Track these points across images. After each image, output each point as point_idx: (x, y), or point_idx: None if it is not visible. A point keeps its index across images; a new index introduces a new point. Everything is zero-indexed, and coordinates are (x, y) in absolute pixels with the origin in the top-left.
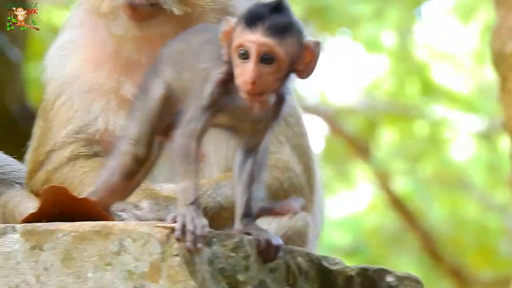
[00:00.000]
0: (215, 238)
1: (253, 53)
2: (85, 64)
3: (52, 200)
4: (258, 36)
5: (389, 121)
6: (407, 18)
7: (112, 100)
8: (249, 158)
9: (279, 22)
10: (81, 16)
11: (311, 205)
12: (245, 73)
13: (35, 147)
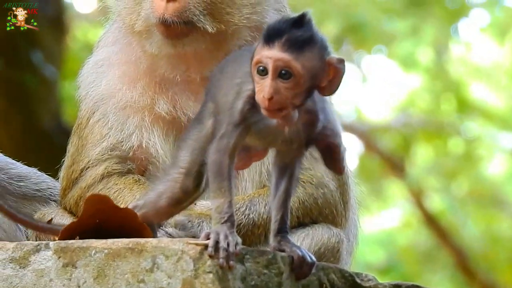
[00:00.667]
0: (248, 255)
1: (270, 68)
2: (120, 81)
3: (93, 209)
4: (275, 52)
5: (424, 138)
6: (443, 35)
7: (146, 117)
8: (285, 174)
9: (298, 37)
10: (115, 34)
11: (345, 222)
12: (263, 89)
13: (69, 165)
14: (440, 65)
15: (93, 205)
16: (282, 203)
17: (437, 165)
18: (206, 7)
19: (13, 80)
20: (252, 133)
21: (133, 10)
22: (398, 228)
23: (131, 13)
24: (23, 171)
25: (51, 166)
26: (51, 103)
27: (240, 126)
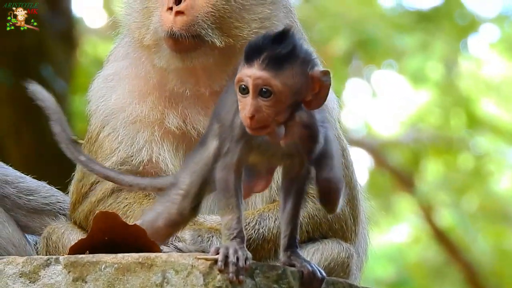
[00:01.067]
0: (258, 270)
1: (250, 87)
2: (129, 95)
3: (103, 226)
4: (254, 70)
5: (434, 154)
6: (453, 50)
7: (156, 131)
8: (293, 189)
9: (277, 53)
10: (125, 49)
11: (354, 236)
12: (244, 107)
13: (79, 179)
14: (450, 80)
15: (102, 222)
16: (291, 218)
17: (446, 180)
18: (215, 21)
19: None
20: (253, 148)
21: (142, 24)
22: (408, 243)
23: (140, 27)
24: (32, 185)
25: (61, 180)
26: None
27: (241, 140)
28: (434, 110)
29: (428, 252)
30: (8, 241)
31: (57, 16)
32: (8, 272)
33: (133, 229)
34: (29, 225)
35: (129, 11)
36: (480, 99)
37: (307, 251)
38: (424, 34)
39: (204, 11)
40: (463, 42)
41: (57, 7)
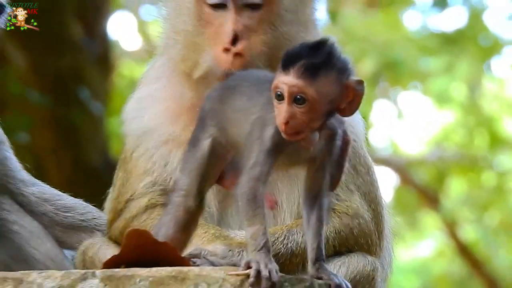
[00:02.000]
0: (287, 282)
1: (285, 94)
2: (162, 116)
3: (134, 243)
4: (290, 78)
5: (458, 172)
6: (476, 72)
7: None
8: (316, 203)
9: (313, 62)
10: (157, 72)
11: (379, 251)
12: (280, 113)
13: (115, 197)
14: (473, 100)
15: (134, 239)
16: (316, 231)
17: (470, 197)
18: (268, 58)
19: (61, 116)
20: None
21: (189, 57)
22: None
23: (186, 59)
24: (69, 202)
25: (97, 198)
26: (98, 139)
27: (272, 152)
28: (458, 129)
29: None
30: (46, 256)
31: (93, 41)
32: (46, 286)
33: (164, 246)
34: (66, 241)
35: (172, 42)
36: (503, 119)
37: (333, 264)
38: (448, 56)
39: (259, 51)
40: (486, 64)
41: (94, 31)
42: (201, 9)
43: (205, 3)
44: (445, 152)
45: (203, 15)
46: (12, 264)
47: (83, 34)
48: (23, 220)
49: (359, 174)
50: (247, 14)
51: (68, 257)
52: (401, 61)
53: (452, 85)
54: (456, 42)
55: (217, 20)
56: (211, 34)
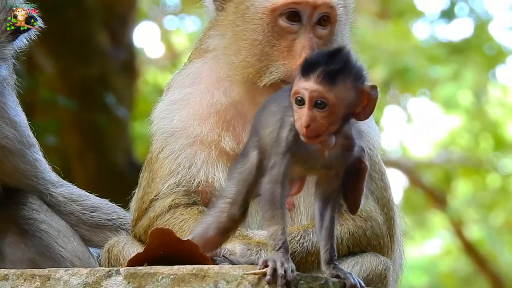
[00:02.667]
0: (302, 280)
1: (306, 99)
2: (192, 118)
3: (158, 242)
4: (311, 84)
5: (464, 174)
6: (482, 79)
7: (212, 151)
8: (329, 205)
9: (332, 69)
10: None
11: (391, 252)
12: (300, 117)
13: (140, 196)
14: (479, 106)
15: (157, 238)
16: (330, 232)
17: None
18: None
19: (88, 120)
20: (298, 161)
21: (253, 65)
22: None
23: (250, 66)
24: (95, 202)
25: (122, 198)
26: (123, 142)
27: (286, 154)
28: (464, 133)
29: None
30: (73, 254)
31: (119, 49)
32: (73, 282)
33: (186, 244)
34: (92, 239)
35: (233, 48)
36: (507, 124)
37: (347, 263)
38: (455, 64)
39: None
40: (491, 72)
41: (120, 40)
42: (275, 21)
43: (281, 16)
44: (452, 155)
45: (276, 27)
46: (40, 261)
47: (109, 42)
48: (51, 220)
49: (373, 180)
50: (317, 33)
51: (94, 255)
52: (411, 69)
53: (459, 92)
54: (463, 51)
55: (291, 35)
56: (285, 47)
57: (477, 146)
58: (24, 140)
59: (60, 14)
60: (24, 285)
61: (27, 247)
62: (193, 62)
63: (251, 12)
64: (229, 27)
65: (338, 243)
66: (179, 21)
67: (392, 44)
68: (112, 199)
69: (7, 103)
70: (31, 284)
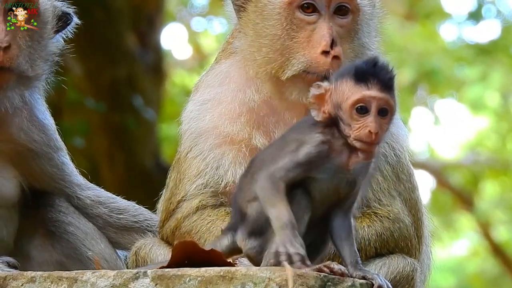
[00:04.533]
0: (330, 282)
1: (373, 107)
2: (223, 117)
3: (181, 254)
4: (376, 92)
5: (492, 175)
6: (509, 80)
7: (243, 149)
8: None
9: (387, 77)
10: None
11: (418, 254)
12: (368, 125)
13: (168, 197)
14: (506, 107)
15: (181, 250)
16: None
17: (503, 200)
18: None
19: (116, 122)
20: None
21: (276, 60)
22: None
23: (273, 61)
24: (122, 205)
25: (149, 200)
26: (150, 143)
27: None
28: (491, 135)
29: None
30: (100, 256)
31: (147, 51)
32: (100, 284)
33: (211, 253)
34: (119, 242)
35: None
36: None
37: (374, 265)
38: (482, 66)
39: (348, 57)
40: None
41: (148, 42)
42: (293, 14)
43: (298, 8)
44: (479, 157)
45: (294, 20)
46: (67, 263)
47: (137, 44)
48: (78, 222)
49: (401, 181)
50: (337, 22)
51: (121, 257)
52: (438, 71)
53: (486, 93)
54: (490, 52)
55: (309, 26)
56: (305, 38)
57: (504, 147)
58: (51, 143)
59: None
60: (51, 287)
61: (54, 249)
62: (221, 63)
63: (269, 8)
64: (250, 26)
65: (365, 245)
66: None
67: (420, 45)
68: (140, 201)
69: (36, 107)
70: (58, 286)
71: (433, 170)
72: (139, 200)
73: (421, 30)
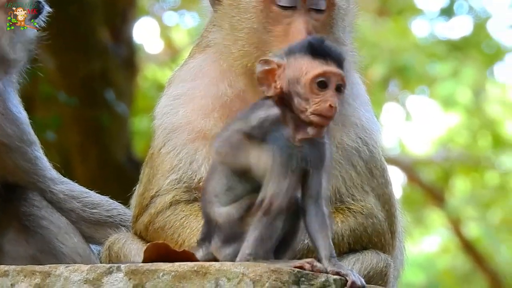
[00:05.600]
0: (303, 278)
1: (332, 82)
2: (196, 113)
3: (154, 256)
4: (334, 68)
5: (462, 171)
6: (481, 77)
7: None
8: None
9: (341, 55)
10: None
11: (392, 250)
12: (328, 99)
13: (141, 193)
14: (477, 104)
15: (154, 253)
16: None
17: (474, 196)
18: None
19: (88, 116)
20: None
21: (251, 53)
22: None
23: (249, 55)
24: (95, 199)
25: (122, 195)
26: (123, 138)
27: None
28: (462, 131)
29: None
30: (74, 250)
31: (119, 45)
32: (73, 279)
33: (183, 254)
34: (93, 236)
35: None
36: (505, 122)
37: (348, 260)
38: (454, 62)
39: None
40: (490, 70)
41: (120, 36)
42: (270, 8)
43: (275, 3)
44: (450, 153)
45: (271, 14)
46: (41, 258)
47: (110, 38)
48: (52, 216)
49: (375, 177)
50: (313, 16)
51: (94, 251)
52: (410, 67)
53: (458, 90)
54: (462, 49)
55: (286, 20)
56: (281, 32)
57: (476, 144)
58: (25, 138)
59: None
60: (25, 281)
61: (28, 244)
62: (195, 57)
63: (245, 2)
64: (226, 19)
65: (339, 240)
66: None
67: (392, 41)
68: (113, 195)
69: (10, 100)
70: (32, 281)
71: (404, 166)
72: (112, 195)
73: (393, 26)
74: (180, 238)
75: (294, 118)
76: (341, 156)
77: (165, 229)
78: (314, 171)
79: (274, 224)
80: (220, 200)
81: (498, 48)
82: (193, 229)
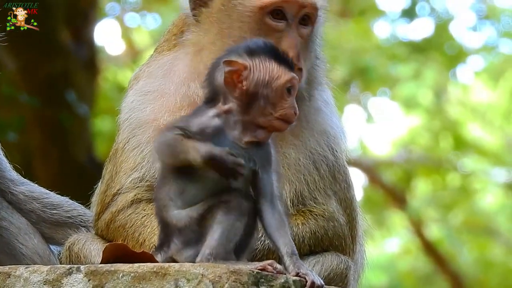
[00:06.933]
0: (263, 279)
1: (295, 89)
2: (163, 110)
3: (113, 257)
4: (293, 73)
5: (424, 173)
6: (442, 78)
7: None
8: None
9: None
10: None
11: (352, 254)
12: (293, 106)
13: (103, 191)
14: (439, 106)
15: (112, 253)
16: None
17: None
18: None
19: (49, 117)
20: None
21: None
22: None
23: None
24: (55, 200)
25: (84, 196)
26: (84, 138)
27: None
28: (424, 133)
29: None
30: (34, 251)
31: (81, 46)
32: (33, 280)
33: (141, 255)
34: (53, 237)
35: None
36: (467, 123)
37: (308, 262)
38: (416, 64)
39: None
40: (452, 71)
41: (81, 37)
42: (263, 19)
43: (268, 14)
44: (412, 154)
45: (263, 26)
46: (1, 258)
47: (71, 39)
48: (11, 217)
49: (337, 181)
50: (300, 32)
51: (54, 252)
52: (371, 68)
53: (419, 91)
54: (423, 50)
55: (277, 33)
56: None
57: (437, 146)
58: None
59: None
60: None
61: None
62: (164, 54)
63: (238, 10)
64: (214, 24)
65: (300, 242)
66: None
67: (353, 43)
68: (73, 196)
69: None
70: None
71: (365, 167)
72: (73, 196)
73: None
74: (141, 237)
75: (243, 121)
76: (307, 161)
77: (126, 228)
78: (263, 172)
79: (235, 224)
80: (176, 203)
81: (460, 49)
82: (154, 228)
